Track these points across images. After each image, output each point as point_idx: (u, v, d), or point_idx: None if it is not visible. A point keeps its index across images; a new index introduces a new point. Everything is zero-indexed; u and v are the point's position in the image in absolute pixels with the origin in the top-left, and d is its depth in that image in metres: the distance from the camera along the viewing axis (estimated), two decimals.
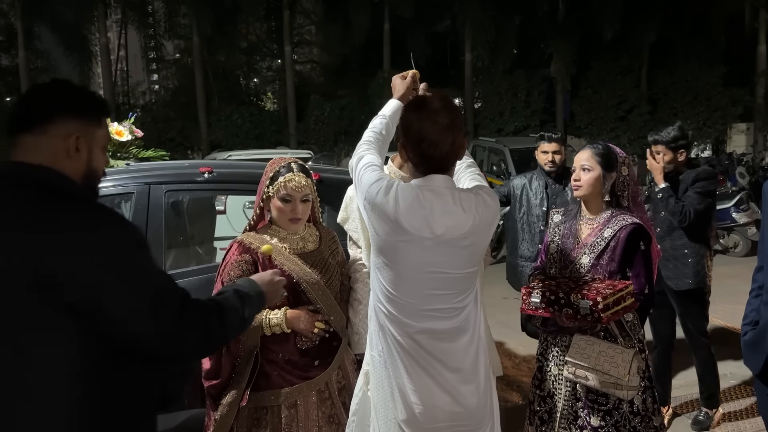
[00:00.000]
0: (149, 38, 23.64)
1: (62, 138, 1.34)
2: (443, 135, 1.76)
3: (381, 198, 1.76)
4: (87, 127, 1.38)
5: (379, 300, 1.87)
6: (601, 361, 2.26)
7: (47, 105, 1.36)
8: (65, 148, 1.34)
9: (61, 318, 1.25)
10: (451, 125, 1.77)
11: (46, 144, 1.33)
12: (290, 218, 2.21)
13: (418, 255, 1.77)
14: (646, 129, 17.48)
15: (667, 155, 3.46)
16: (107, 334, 1.30)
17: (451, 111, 1.80)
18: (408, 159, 1.84)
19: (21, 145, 1.34)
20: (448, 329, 1.83)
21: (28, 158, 1.32)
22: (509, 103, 17.83)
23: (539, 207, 3.80)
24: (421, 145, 1.77)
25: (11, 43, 18.57)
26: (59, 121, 1.34)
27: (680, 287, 3.45)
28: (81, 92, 1.43)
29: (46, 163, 1.32)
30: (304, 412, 2.17)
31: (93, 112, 1.41)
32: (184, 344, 1.40)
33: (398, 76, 2.18)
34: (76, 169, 1.37)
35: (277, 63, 23.07)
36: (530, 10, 18.30)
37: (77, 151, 1.36)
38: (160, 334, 1.35)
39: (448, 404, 1.83)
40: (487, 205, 1.81)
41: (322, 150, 16.46)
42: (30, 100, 1.39)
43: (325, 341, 2.23)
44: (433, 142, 1.75)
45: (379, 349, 1.89)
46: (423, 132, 1.76)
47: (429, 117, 1.77)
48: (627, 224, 2.36)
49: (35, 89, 1.42)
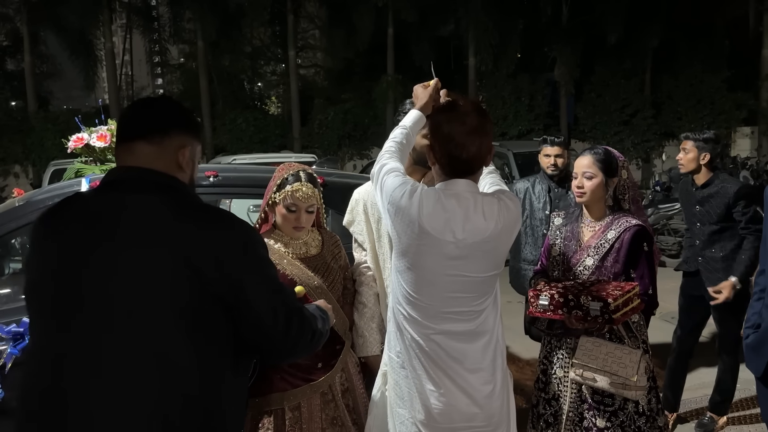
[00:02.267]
0: (154, 43, 23.68)
1: (175, 149, 1.44)
2: (471, 137, 1.77)
3: (405, 201, 1.79)
4: (192, 141, 1.49)
5: (399, 302, 1.90)
6: (609, 363, 2.26)
7: (165, 118, 1.47)
8: (176, 159, 1.45)
9: (212, 307, 1.36)
10: (479, 128, 1.79)
11: (162, 154, 1.43)
12: (294, 227, 2.22)
13: (440, 258, 1.79)
14: (650, 133, 17.50)
15: (691, 152, 3.44)
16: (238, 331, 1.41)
17: (481, 115, 1.82)
18: (435, 161, 1.85)
19: (137, 151, 1.43)
20: (467, 331, 1.85)
21: (147, 165, 1.42)
22: (513, 107, 17.82)
23: (542, 210, 3.81)
24: (448, 146, 1.79)
25: (17, 48, 18.65)
26: (174, 134, 1.45)
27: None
28: (186, 110, 1.55)
29: (166, 171, 1.43)
30: (307, 415, 2.18)
31: (197, 128, 1.54)
32: (293, 354, 1.59)
33: (420, 85, 2.13)
34: (184, 178, 1.48)
35: (281, 67, 23.12)
36: (534, 14, 18.31)
37: (187, 163, 1.47)
38: (283, 347, 1.50)
39: (465, 405, 1.85)
40: (509, 210, 1.84)
41: (326, 154, 16.47)
42: (147, 111, 1.50)
43: (328, 344, 2.23)
44: (461, 143, 1.77)
45: (397, 350, 1.93)
46: (451, 133, 1.78)
47: (458, 118, 1.80)
48: (630, 226, 2.37)
49: (151, 102, 1.54)
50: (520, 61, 18.71)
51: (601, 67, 17.79)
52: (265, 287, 1.43)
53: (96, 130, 3.32)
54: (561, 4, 17.98)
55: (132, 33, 23.05)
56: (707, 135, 3.44)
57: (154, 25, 22.20)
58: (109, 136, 3.32)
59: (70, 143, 3.30)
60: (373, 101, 17.98)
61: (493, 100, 17.99)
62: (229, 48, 19.37)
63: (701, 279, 3.51)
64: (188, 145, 1.47)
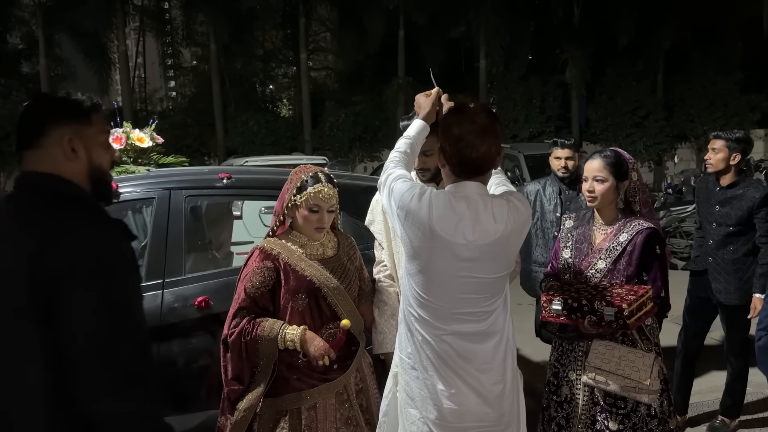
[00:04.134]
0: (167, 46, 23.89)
1: (57, 144, 1.42)
2: (481, 136, 1.79)
3: (415, 204, 1.81)
4: (77, 127, 1.45)
5: (410, 304, 1.92)
6: (622, 366, 2.26)
7: (37, 119, 1.45)
8: (62, 151, 1.42)
9: (31, 320, 1.29)
10: (489, 128, 1.80)
11: (45, 154, 1.42)
12: (316, 227, 2.25)
13: (451, 260, 1.80)
14: (662, 135, 17.37)
15: (721, 152, 3.39)
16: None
17: (490, 116, 1.84)
18: (445, 162, 1.87)
19: (26, 160, 1.44)
20: (478, 332, 1.87)
21: (32, 168, 1.42)
22: (524, 109, 17.77)
23: (553, 213, 3.81)
24: (458, 145, 1.80)
25: (32, 51, 18.89)
26: (51, 131, 1.42)
27: (730, 302, 3.42)
28: (62, 99, 1.51)
29: (50, 171, 1.41)
30: (322, 414, 2.21)
31: (78, 113, 1.48)
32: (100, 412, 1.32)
33: (422, 94, 2.15)
34: (78, 169, 1.45)
35: (292, 70, 23.22)
36: (545, 16, 18.27)
37: (74, 152, 1.43)
38: (85, 389, 1.30)
39: (476, 404, 1.87)
40: (518, 211, 1.85)
41: (337, 156, 16.53)
42: (23, 120, 1.47)
43: (344, 345, 2.26)
44: (471, 142, 1.79)
45: (408, 352, 1.94)
46: (461, 132, 1.79)
47: (468, 118, 1.81)
48: (643, 229, 2.37)
49: (25, 109, 1.50)
50: (531, 63, 18.67)
51: (613, 69, 17.70)
52: (90, 307, 1.28)
53: (111, 133, 3.37)
54: (572, 6, 17.92)
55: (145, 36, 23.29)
56: (739, 135, 3.39)
57: (167, 28, 22.40)
58: (124, 138, 3.37)
59: None
60: (383, 104, 18.00)
61: (504, 102, 17.96)
62: (241, 51, 19.50)
63: (708, 279, 3.49)
64: (71, 134, 1.43)
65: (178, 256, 2.83)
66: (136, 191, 2.96)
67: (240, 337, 2.14)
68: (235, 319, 2.17)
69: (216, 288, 2.77)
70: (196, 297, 2.72)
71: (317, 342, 2.15)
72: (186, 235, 2.94)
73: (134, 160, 3.43)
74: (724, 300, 3.44)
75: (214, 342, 2.69)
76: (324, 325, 2.23)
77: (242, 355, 2.15)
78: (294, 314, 2.18)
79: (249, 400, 2.15)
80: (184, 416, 2.71)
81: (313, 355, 2.13)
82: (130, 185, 2.95)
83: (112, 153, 1.56)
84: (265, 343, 2.13)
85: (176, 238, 2.85)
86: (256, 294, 2.17)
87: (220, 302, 2.67)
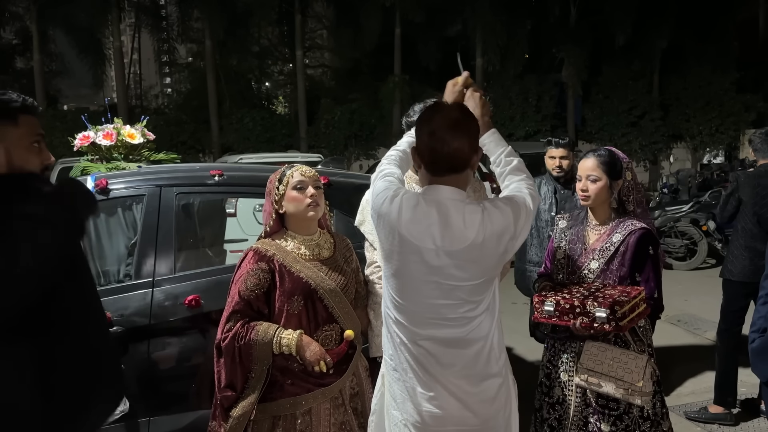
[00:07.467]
0: (162, 42, 23.79)
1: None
2: (452, 131, 1.74)
3: (386, 207, 1.78)
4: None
5: (388, 307, 1.89)
6: (614, 368, 2.24)
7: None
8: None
9: None
10: (462, 125, 1.76)
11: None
12: (308, 204, 2.19)
13: (421, 264, 1.76)
14: (658, 135, 17.43)
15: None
16: None
17: (464, 114, 1.81)
18: (420, 160, 1.83)
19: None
20: (456, 338, 1.82)
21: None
22: (520, 108, 17.81)
23: (548, 212, 3.79)
24: (430, 140, 1.76)
25: (26, 46, 18.84)
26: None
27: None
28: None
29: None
30: (317, 419, 2.17)
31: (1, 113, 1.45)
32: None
33: (451, 81, 2.07)
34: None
35: (288, 67, 23.20)
36: (542, 15, 18.30)
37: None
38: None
39: (457, 409, 1.83)
40: (494, 219, 1.75)
41: (333, 153, 16.51)
42: None
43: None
44: (442, 137, 1.74)
45: (389, 353, 1.92)
46: (433, 126, 1.76)
47: (441, 112, 1.79)
48: (636, 229, 2.35)
49: None
50: (527, 62, 18.70)
51: (609, 68, 17.75)
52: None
53: (102, 129, 3.34)
54: (569, 5, 17.94)
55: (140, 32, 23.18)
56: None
57: (162, 24, 22.33)
58: (115, 134, 3.33)
59: (76, 141, 3.32)
60: (379, 101, 18.00)
61: (500, 101, 17.98)
62: (237, 47, 19.46)
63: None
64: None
65: (168, 254, 2.80)
66: (127, 188, 2.93)
67: (233, 342, 2.08)
68: (228, 323, 2.12)
69: (207, 287, 2.74)
70: (187, 295, 2.69)
71: (313, 347, 2.10)
72: (177, 233, 2.91)
73: (125, 157, 3.39)
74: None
75: (204, 341, 2.67)
76: (319, 328, 2.19)
77: (236, 360, 2.09)
78: (289, 317, 2.14)
79: (243, 407, 2.10)
80: (173, 416, 2.69)
81: (309, 360, 2.09)
82: (121, 182, 2.92)
83: (44, 156, 1.53)
84: (259, 348, 2.08)
85: (167, 236, 2.83)
86: (250, 296, 2.12)
87: (210, 301, 2.65)
